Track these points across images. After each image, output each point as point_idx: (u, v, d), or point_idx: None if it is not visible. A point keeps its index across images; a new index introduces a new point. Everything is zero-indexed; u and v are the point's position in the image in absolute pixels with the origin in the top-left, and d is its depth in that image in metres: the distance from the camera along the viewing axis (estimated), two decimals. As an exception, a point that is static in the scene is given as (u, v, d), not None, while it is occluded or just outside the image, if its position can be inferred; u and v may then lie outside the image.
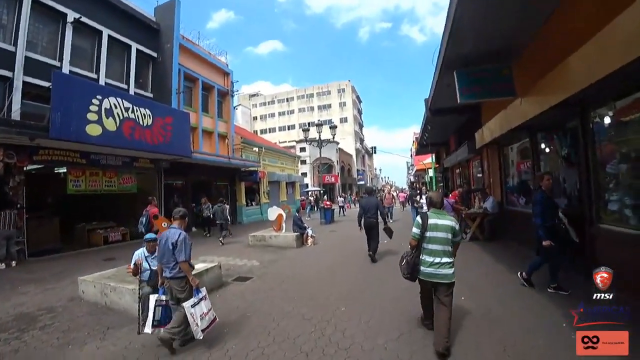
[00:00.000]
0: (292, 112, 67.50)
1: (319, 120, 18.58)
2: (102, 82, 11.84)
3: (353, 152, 61.37)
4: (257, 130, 65.47)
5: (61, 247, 10.74)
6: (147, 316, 3.84)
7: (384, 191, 34.42)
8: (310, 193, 34.10)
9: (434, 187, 28.33)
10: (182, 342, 3.72)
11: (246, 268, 7.91)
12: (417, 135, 18.00)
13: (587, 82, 3.80)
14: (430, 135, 13.75)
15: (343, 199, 25.95)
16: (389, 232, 7.67)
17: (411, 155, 53.96)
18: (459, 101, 5.99)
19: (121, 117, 10.26)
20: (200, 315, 3.61)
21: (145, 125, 11.04)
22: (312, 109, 65.29)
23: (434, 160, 26.02)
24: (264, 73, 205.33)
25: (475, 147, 9.79)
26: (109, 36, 12.39)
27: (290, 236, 10.61)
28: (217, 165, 16.53)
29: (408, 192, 29.55)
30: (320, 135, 17.85)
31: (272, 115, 68.97)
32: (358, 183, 61.77)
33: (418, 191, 15.93)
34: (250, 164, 18.48)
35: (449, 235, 3.41)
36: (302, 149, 46.12)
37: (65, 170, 11.14)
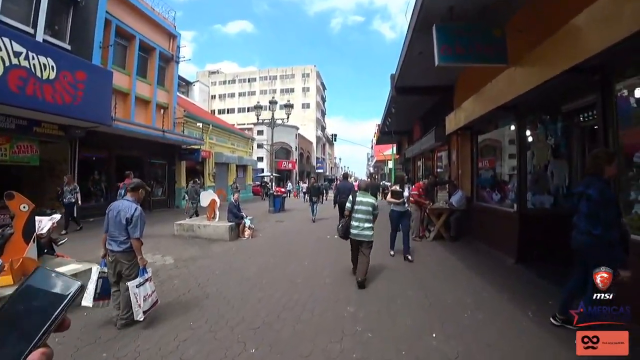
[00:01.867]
0: (253, 93, 64.12)
1: (272, 98, 16.67)
2: None
3: (314, 139, 59.94)
4: (214, 110, 61.57)
5: None
6: (88, 288, 3.62)
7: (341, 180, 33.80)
8: (264, 178, 32.21)
9: (393, 179, 27.97)
10: (120, 326, 3.56)
11: (152, 269, 6.15)
12: (379, 124, 16.81)
13: (612, 39, 2.55)
14: (393, 120, 12.56)
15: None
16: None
17: (372, 147, 53.79)
18: (436, 63, 4.62)
19: (6, 64, 7.80)
20: (144, 297, 3.55)
21: (44, 78, 8.61)
22: (274, 91, 62.21)
23: (394, 151, 25.34)
24: (231, 54, 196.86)
25: (444, 134, 8.69)
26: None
27: (223, 227, 8.91)
28: (153, 140, 14.22)
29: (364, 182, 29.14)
30: (273, 114, 16.01)
31: (232, 95, 65.26)
32: (317, 171, 60.54)
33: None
34: (190, 140, 16.19)
35: (370, 209, 4.98)
36: (260, 132, 43.51)
37: None
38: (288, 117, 16.63)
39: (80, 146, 11.42)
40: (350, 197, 5.18)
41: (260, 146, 46.19)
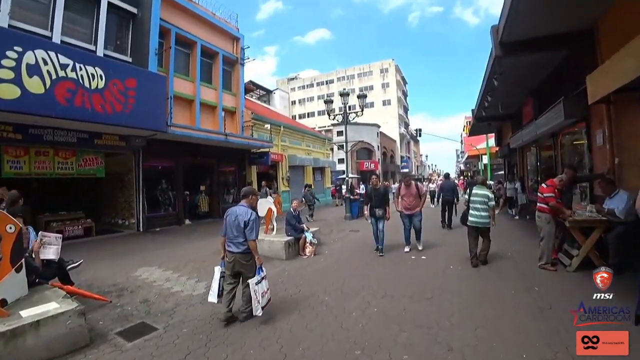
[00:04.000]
0: (332, 94, 63.55)
1: (344, 90, 14.93)
2: (56, 40, 9.09)
3: (397, 137, 56.35)
4: (295, 115, 62.87)
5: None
6: (212, 286, 4.11)
7: (430, 180, 30.17)
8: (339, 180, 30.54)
9: (490, 176, 23.63)
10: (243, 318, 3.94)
11: (176, 299, 4.87)
12: (473, 109, 13.60)
13: None
14: (493, 99, 9.48)
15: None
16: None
17: (461, 142, 48.06)
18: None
19: (53, 77, 7.58)
20: (262, 293, 3.86)
21: (93, 88, 8.27)
22: (353, 91, 60.79)
23: (493, 143, 21.25)
24: (312, 62, 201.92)
25: (581, 105, 5.70)
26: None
27: (279, 243, 7.31)
28: (219, 145, 13.61)
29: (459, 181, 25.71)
30: (345, 107, 14.20)
31: (311, 99, 65.61)
32: (401, 171, 56.82)
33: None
34: (257, 143, 15.23)
35: (485, 199, 5.79)
36: (340, 132, 42.00)
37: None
38: (362, 110, 14.54)
39: (144, 156, 11.22)
40: (468, 190, 6.46)
41: (340, 147, 45.10)
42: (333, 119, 15.57)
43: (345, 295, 4.73)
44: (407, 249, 7.17)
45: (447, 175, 12.96)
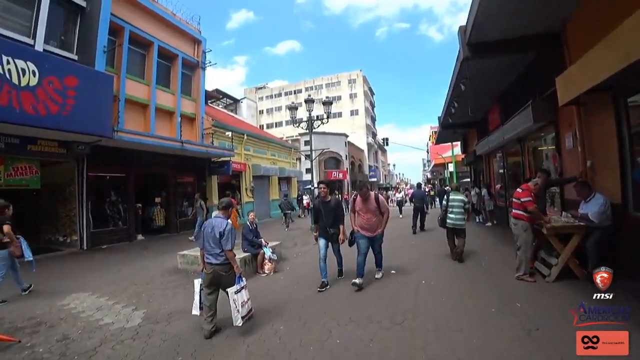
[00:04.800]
0: (300, 104, 63.26)
1: (308, 96, 14.63)
2: None
3: (365, 147, 56.89)
4: (263, 125, 61.91)
5: None
6: (194, 299, 4.08)
7: (397, 188, 30.37)
8: (316, 190, 29.93)
9: (455, 182, 24.20)
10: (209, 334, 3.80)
11: (103, 334, 4.02)
12: (439, 116, 13.64)
13: None
14: (460, 105, 9.38)
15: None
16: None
17: (427, 151, 49.32)
18: None
19: None
20: (242, 303, 3.78)
21: (23, 85, 7.20)
22: (320, 100, 61.05)
23: (458, 151, 21.71)
24: (281, 72, 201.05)
25: (550, 107, 5.58)
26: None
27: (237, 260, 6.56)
28: (175, 154, 12.64)
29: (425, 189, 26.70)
30: (310, 114, 13.85)
31: (279, 108, 64.91)
32: (369, 180, 57.36)
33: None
34: (217, 152, 14.34)
35: (461, 204, 6.57)
36: (308, 142, 41.68)
37: None
38: (328, 117, 14.20)
39: (90, 164, 10.08)
40: (446, 196, 6.98)
41: (307, 157, 44.54)
42: (297, 126, 15.18)
43: (304, 322, 4.09)
44: (357, 280, 5.12)
45: (418, 185, 14.43)
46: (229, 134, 15.72)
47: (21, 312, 4.83)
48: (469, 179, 18.21)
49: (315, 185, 35.24)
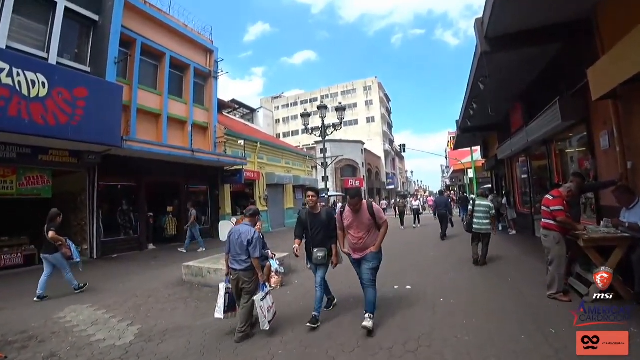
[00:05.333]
0: (315, 113, 63.20)
1: (321, 102, 14.39)
2: (1, 45, 8.00)
3: (381, 154, 56.21)
4: (279, 134, 62.28)
5: None
6: (218, 302, 4.13)
7: (415, 196, 29.47)
8: (331, 198, 29.34)
9: (475, 189, 23.21)
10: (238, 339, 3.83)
11: (91, 352, 3.79)
12: (457, 120, 13.07)
13: None
14: (479, 106, 8.84)
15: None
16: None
17: (446, 157, 48.15)
18: None
19: None
20: (267, 308, 3.89)
21: (32, 96, 7.23)
22: (335, 108, 60.81)
23: (478, 156, 20.89)
24: (298, 82, 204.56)
25: (580, 104, 5.03)
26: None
27: (240, 274, 6.22)
28: (188, 163, 12.57)
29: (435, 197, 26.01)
30: (323, 121, 13.57)
31: (295, 117, 65.03)
32: (387, 187, 56.36)
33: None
34: (228, 160, 14.18)
35: (487, 209, 6.78)
36: (322, 150, 41.33)
37: None
38: (341, 122, 13.96)
39: (101, 174, 10.06)
40: (472, 202, 7.30)
41: (323, 165, 44.14)
42: (311, 134, 14.96)
43: (305, 347, 3.64)
44: (366, 323, 3.77)
45: (440, 192, 15.62)
46: (242, 142, 15.58)
47: (16, 325, 4.67)
48: (489, 185, 17.36)
49: (330, 193, 34.85)
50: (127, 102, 11.07)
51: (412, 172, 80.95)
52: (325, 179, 17.15)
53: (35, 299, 5.81)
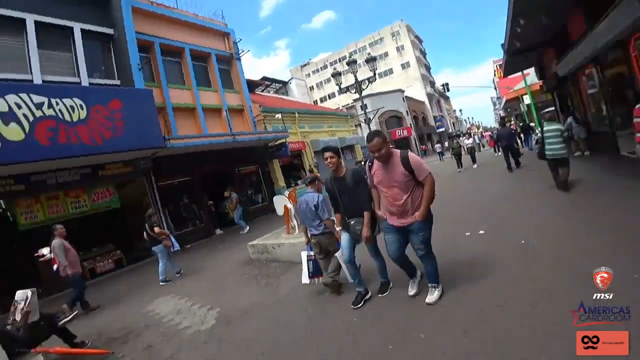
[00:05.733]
0: (347, 71, 60.74)
1: (350, 57, 13.77)
2: (38, 81, 8.58)
3: (424, 98, 53.03)
4: (316, 100, 61.41)
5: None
6: (303, 269, 4.40)
7: (469, 134, 27.56)
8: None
9: (535, 115, 21.01)
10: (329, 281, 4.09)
11: (180, 340, 4.13)
12: (498, 58, 11.62)
13: None
14: (527, 21, 7.61)
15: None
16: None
17: (495, 88, 43.85)
18: None
19: (30, 119, 7.11)
20: None
21: (75, 121, 7.72)
22: (366, 63, 57.53)
23: (533, 79, 18.66)
24: (324, 45, 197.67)
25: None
26: (36, 22, 8.93)
27: (300, 245, 6.26)
28: (234, 147, 12.88)
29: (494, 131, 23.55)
30: (356, 76, 13.14)
31: (328, 80, 63.28)
32: (437, 131, 53.55)
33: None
34: (269, 136, 14.23)
35: (559, 133, 6.21)
36: (365, 106, 39.74)
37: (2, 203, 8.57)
38: (375, 74, 13.32)
39: (156, 175, 10.71)
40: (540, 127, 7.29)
41: (367, 121, 42.71)
42: (346, 92, 14.45)
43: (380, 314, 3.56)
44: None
45: (502, 123, 14.40)
46: (279, 116, 15.47)
47: (115, 323, 5.28)
48: (552, 108, 15.45)
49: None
50: (162, 103, 11.48)
51: (460, 110, 75.59)
52: (383, 130, 16.32)
53: (160, 283, 6.90)
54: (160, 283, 6.88)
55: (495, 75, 39.65)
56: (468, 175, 12.52)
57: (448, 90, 35.23)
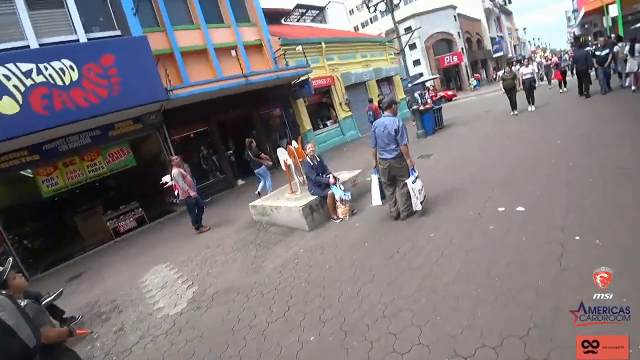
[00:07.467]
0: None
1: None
2: (34, 46, 7.97)
3: (481, 15, 45.37)
4: (357, 26, 56.04)
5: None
6: (372, 192, 4.79)
7: (530, 59, 22.32)
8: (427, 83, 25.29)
9: (622, 33, 16.35)
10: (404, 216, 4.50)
11: (147, 325, 4.01)
12: None
13: None
14: None
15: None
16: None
17: None
18: None
19: (22, 89, 6.83)
20: (418, 190, 4.33)
21: (68, 84, 7.32)
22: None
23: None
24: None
25: None
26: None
27: (295, 209, 5.60)
28: (251, 89, 11.77)
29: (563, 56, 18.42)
30: None
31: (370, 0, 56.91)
32: (494, 56, 46.75)
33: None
34: (288, 73, 12.72)
35: None
36: (408, 29, 35.18)
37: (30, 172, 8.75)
38: None
39: (170, 129, 10.36)
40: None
41: (413, 47, 38.04)
42: (374, 12, 12.39)
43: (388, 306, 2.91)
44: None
45: (580, 45, 13.58)
46: (299, 48, 13.57)
47: (111, 293, 5.33)
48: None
49: (424, 78, 30.13)
50: (168, 49, 10.72)
51: (524, 29, 63.58)
52: (404, 63, 13.87)
53: (256, 192, 8.37)
54: (269, 191, 7.95)
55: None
56: (527, 122, 9.14)
57: (510, 2, 28.98)
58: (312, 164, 5.77)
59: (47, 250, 10.11)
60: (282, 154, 6.65)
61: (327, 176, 5.70)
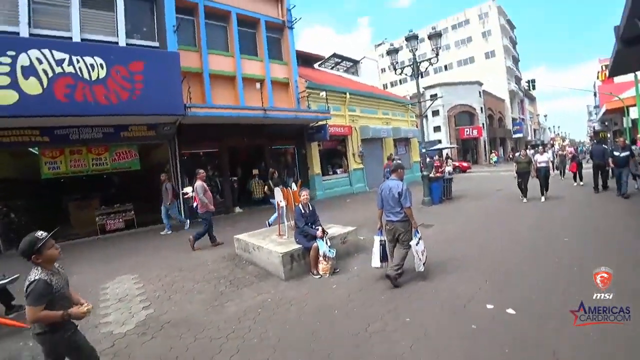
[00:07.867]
0: (424, 55, 56.49)
1: (410, 32, 11.67)
2: (77, 39, 8.52)
3: (505, 95, 47.23)
4: (386, 84, 58.38)
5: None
6: (373, 253, 4.73)
7: (548, 145, 22.78)
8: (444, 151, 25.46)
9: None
10: (394, 273, 4.29)
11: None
12: (606, 57, 8.95)
13: None
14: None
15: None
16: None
17: (595, 94, 36.94)
18: None
19: (50, 74, 7.12)
20: (421, 252, 4.41)
21: (94, 79, 7.57)
22: (448, 47, 52.52)
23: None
24: (407, 24, 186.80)
25: None
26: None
27: (275, 254, 5.20)
28: (270, 123, 12.05)
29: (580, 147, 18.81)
30: (415, 55, 11.08)
31: (402, 63, 59.76)
32: (514, 136, 47.64)
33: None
34: (309, 116, 12.99)
35: None
36: (433, 96, 36.26)
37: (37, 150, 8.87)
38: (437, 56, 11.01)
39: (180, 143, 10.45)
40: None
41: (433, 113, 39.20)
42: (401, 73, 12.66)
43: None
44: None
45: (598, 141, 15.59)
46: (323, 94, 14.00)
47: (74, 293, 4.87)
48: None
49: (443, 145, 30.27)
50: (199, 68, 11.07)
51: (545, 116, 65.03)
52: (421, 128, 14.12)
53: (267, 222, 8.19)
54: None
55: (598, 77, 33.14)
56: (536, 211, 8.46)
57: (534, 87, 29.73)
58: (303, 211, 5.46)
59: (32, 229, 9.78)
60: (278, 194, 6.46)
61: (316, 227, 5.37)
